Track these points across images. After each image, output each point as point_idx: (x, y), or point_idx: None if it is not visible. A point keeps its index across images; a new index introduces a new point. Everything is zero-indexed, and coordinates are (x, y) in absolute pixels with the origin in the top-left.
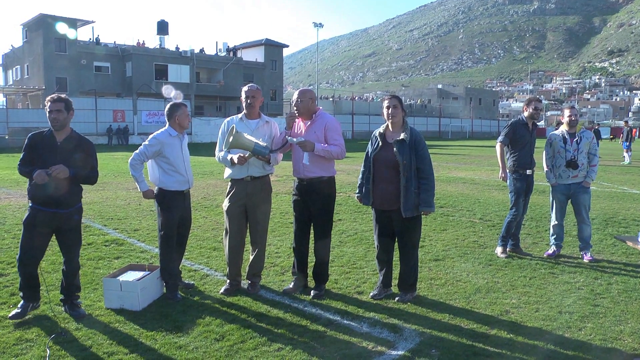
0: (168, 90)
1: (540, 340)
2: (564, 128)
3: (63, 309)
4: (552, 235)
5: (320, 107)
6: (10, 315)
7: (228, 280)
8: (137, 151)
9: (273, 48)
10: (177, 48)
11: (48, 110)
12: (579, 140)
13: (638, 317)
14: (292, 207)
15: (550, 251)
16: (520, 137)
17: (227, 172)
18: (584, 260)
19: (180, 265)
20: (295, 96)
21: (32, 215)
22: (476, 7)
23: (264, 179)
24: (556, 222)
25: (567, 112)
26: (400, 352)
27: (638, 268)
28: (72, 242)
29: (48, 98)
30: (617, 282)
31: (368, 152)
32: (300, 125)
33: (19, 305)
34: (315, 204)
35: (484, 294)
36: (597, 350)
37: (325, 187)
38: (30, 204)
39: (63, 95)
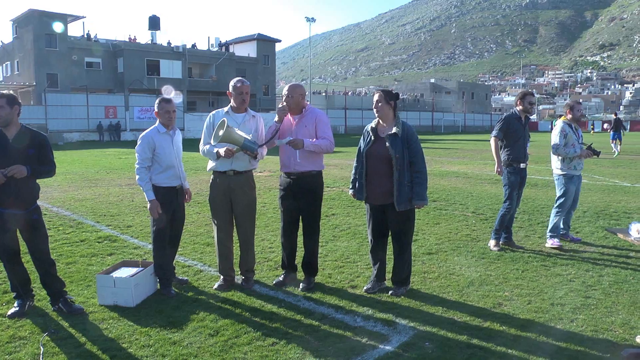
0: (168, 91)
1: (532, 332)
2: (565, 120)
3: (55, 308)
4: (560, 226)
5: (309, 103)
6: (8, 313)
7: (222, 276)
8: (136, 160)
9: (265, 43)
10: (169, 43)
11: None
12: (580, 133)
13: (629, 308)
14: (280, 202)
15: (557, 242)
16: (514, 131)
17: (210, 164)
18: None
19: (174, 261)
20: (285, 91)
21: None
22: (468, 1)
23: (247, 173)
24: (564, 214)
25: (577, 107)
26: (394, 346)
27: (629, 260)
28: (38, 241)
29: None
30: (608, 274)
31: (360, 147)
32: (289, 119)
33: (15, 304)
34: (304, 198)
35: (477, 287)
36: (588, 341)
37: (314, 181)
38: None
39: (5, 92)
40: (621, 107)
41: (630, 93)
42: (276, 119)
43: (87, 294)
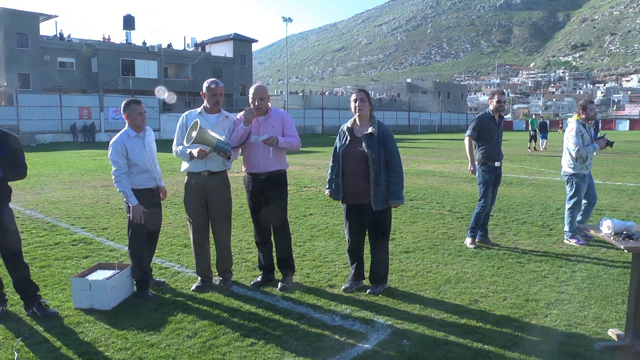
0: (161, 91)
1: (508, 327)
2: (579, 119)
3: (29, 312)
4: (574, 224)
5: (270, 104)
6: None
7: (199, 277)
8: (112, 168)
9: (242, 43)
10: (144, 43)
11: None
12: (591, 132)
13: (601, 302)
14: (249, 204)
15: (581, 239)
16: (488, 130)
17: (184, 165)
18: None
19: (151, 263)
20: (253, 94)
21: None
22: (444, 1)
23: (222, 174)
24: (579, 211)
25: (590, 106)
26: (373, 344)
27: (601, 255)
28: (11, 244)
29: None
30: (580, 269)
31: (336, 147)
32: (254, 120)
33: None
34: (273, 196)
35: (453, 284)
36: (562, 335)
37: (282, 179)
38: None
39: None
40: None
41: (602, 92)
42: (239, 116)
43: (62, 298)
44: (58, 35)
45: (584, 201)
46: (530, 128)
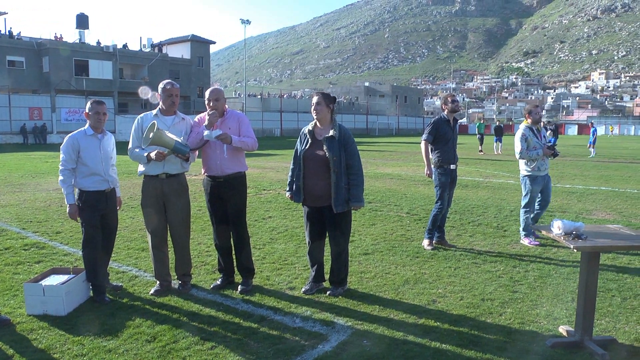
0: (145, 91)
1: (464, 326)
2: (527, 123)
3: None
4: (528, 224)
5: (227, 106)
6: None
7: (158, 281)
8: (60, 161)
9: (200, 44)
10: (99, 43)
11: None
12: (544, 134)
13: (552, 300)
14: (208, 206)
15: (534, 240)
16: (444, 134)
17: (141, 168)
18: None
19: (108, 267)
20: (208, 95)
21: None
22: (401, 7)
23: (180, 176)
24: (532, 212)
25: (535, 110)
26: (333, 345)
27: (552, 255)
28: None
29: None
30: (533, 269)
31: (297, 149)
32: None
33: None
34: (232, 199)
35: (412, 285)
36: (516, 333)
37: (240, 182)
38: None
39: None
40: (543, 111)
41: (552, 98)
42: (197, 118)
43: (14, 304)
44: (7, 33)
45: (537, 201)
46: (477, 132)
